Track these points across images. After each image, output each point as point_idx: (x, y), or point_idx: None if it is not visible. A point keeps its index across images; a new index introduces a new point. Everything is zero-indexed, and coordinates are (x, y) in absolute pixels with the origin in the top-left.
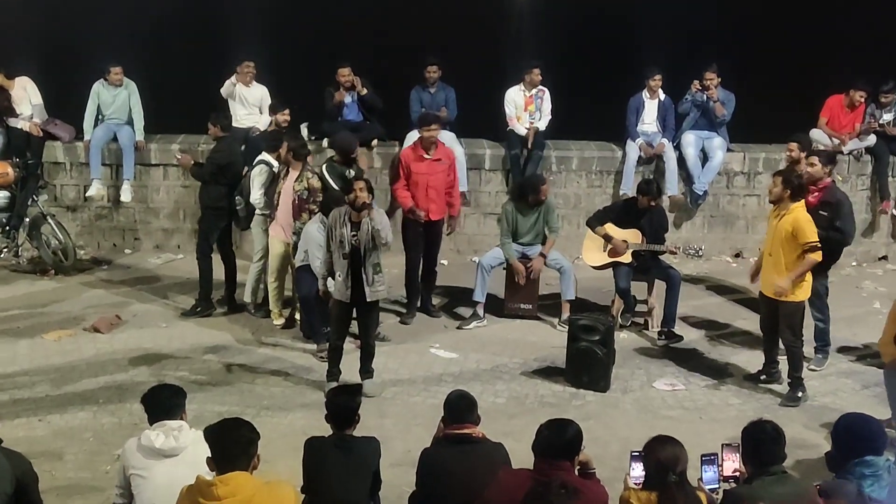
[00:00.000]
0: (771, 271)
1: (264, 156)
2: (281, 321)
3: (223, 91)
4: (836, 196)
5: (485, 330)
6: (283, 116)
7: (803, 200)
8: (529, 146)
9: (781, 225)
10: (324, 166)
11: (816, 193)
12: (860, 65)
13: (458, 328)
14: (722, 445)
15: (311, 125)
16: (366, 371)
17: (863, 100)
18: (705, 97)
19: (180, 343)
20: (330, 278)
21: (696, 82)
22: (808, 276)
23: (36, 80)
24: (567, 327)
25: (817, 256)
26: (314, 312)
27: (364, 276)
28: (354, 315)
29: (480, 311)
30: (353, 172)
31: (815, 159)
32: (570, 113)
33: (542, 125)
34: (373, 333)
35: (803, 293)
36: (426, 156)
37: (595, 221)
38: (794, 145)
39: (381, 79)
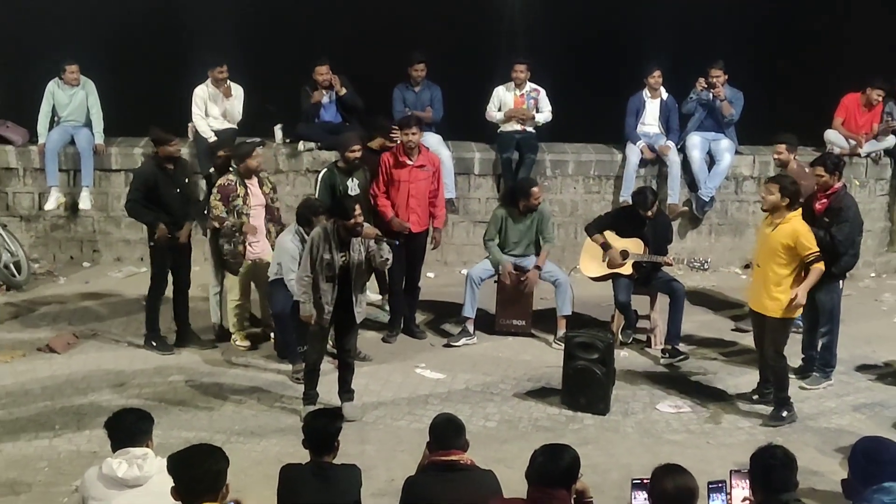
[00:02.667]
0: (758, 284)
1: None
2: (245, 343)
3: (203, 130)
4: (841, 202)
5: (474, 348)
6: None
7: (800, 209)
8: (522, 126)
9: (775, 236)
10: (323, 172)
11: (824, 200)
12: (877, 61)
13: (445, 346)
14: (730, 472)
15: (286, 127)
16: (346, 393)
17: (880, 98)
18: (711, 96)
19: (143, 364)
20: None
21: (701, 80)
22: (790, 293)
23: None
24: (563, 345)
25: (821, 265)
26: (289, 330)
27: (353, 298)
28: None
29: (470, 327)
30: (356, 183)
31: (820, 170)
32: (566, 113)
33: (541, 119)
34: (353, 352)
35: (791, 309)
36: (408, 161)
37: (594, 228)
38: (781, 147)
39: (362, 77)
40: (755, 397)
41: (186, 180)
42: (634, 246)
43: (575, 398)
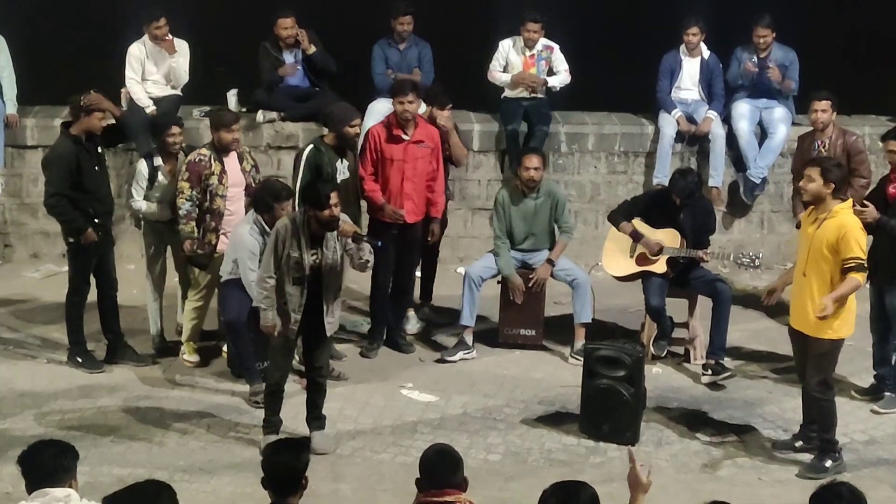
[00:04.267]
0: (804, 298)
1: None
2: (194, 359)
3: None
4: None
5: (474, 364)
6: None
7: (850, 199)
8: (531, 92)
9: (820, 235)
10: (308, 150)
11: None
12: None
13: (438, 361)
14: None
15: (242, 93)
16: (315, 419)
17: None
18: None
19: (67, 384)
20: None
21: (748, 63)
22: (853, 307)
23: None
24: (582, 359)
25: (861, 277)
26: (245, 342)
27: (325, 307)
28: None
29: (468, 338)
30: (346, 165)
31: (892, 144)
32: (586, 76)
33: (556, 82)
34: (325, 369)
35: (844, 328)
36: (403, 136)
37: (619, 216)
38: (825, 103)
39: (336, 32)
40: (798, 444)
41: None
42: (669, 238)
43: (597, 425)
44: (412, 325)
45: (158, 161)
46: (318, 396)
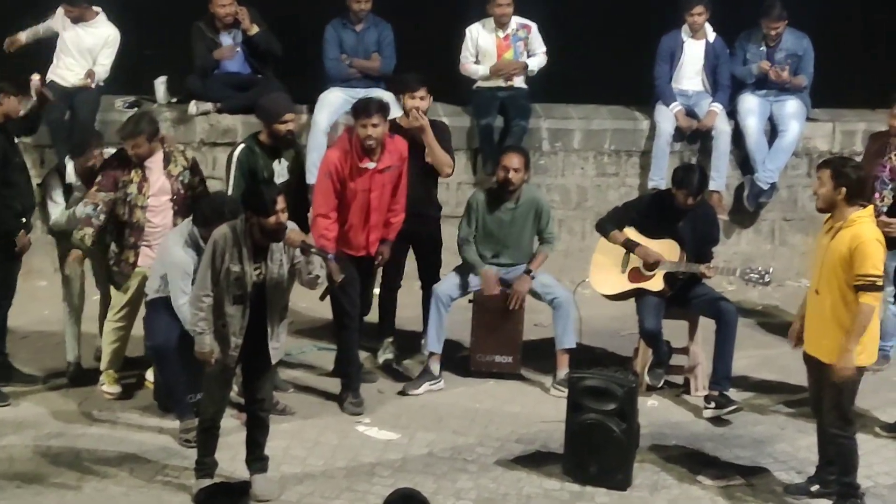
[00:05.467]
0: (817, 319)
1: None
2: (115, 390)
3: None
4: None
5: (441, 395)
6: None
7: (871, 207)
8: (507, 83)
9: (835, 245)
10: (239, 150)
11: None
12: None
13: (400, 394)
14: None
15: (173, 81)
16: (257, 461)
17: None
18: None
19: None
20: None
21: (764, 64)
22: (875, 331)
23: None
24: (566, 391)
25: (873, 301)
26: (175, 371)
27: (269, 329)
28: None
29: (435, 366)
30: (284, 166)
31: None
32: (572, 63)
33: (533, 64)
34: (268, 402)
35: (864, 354)
36: (368, 164)
37: (609, 224)
38: None
39: (282, 10)
40: (815, 488)
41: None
42: (667, 250)
43: (583, 466)
44: (386, 355)
45: (71, 177)
46: (259, 434)
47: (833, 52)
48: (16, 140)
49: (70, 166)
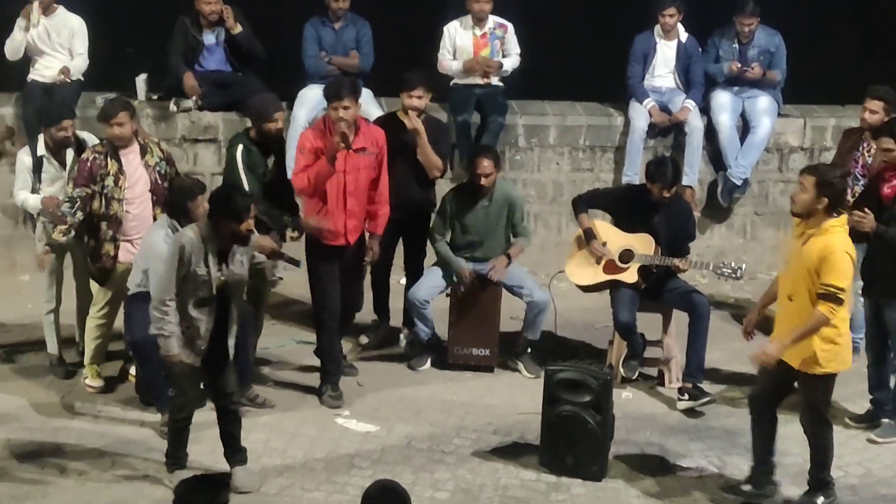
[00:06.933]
0: (788, 324)
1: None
2: (97, 384)
3: (10, 51)
4: None
5: (419, 388)
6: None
7: (845, 216)
8: (483, 80)
9: (806, 251)
10: (239, 149)
11: (894, 183)
12: None
13: (409, 367)
14: None
15: (153, 78)
16: (235, 453)
17: None
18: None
19: None
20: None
21: (734, 65)
22: (847, 338)
23: None
24: (531, 367)
25: (829, 312)
26: (155, 365)
27: (228, 326)
28: None
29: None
30: (272, 158)
31: (888, 142)
32: (547, 61)
33: (507, 65)
34: (235, 395)
35: (835, 362)
36: (343, 145)
37: (583, 204)
38: (876, 104)
39: (261, 8)
40: (748, 487)
41: None
42: (642, 244)
43: (559, 457)
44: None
45: (42, 150)
46: (233, 427)
47: (804, 49)
48: None
49: (41, 139)
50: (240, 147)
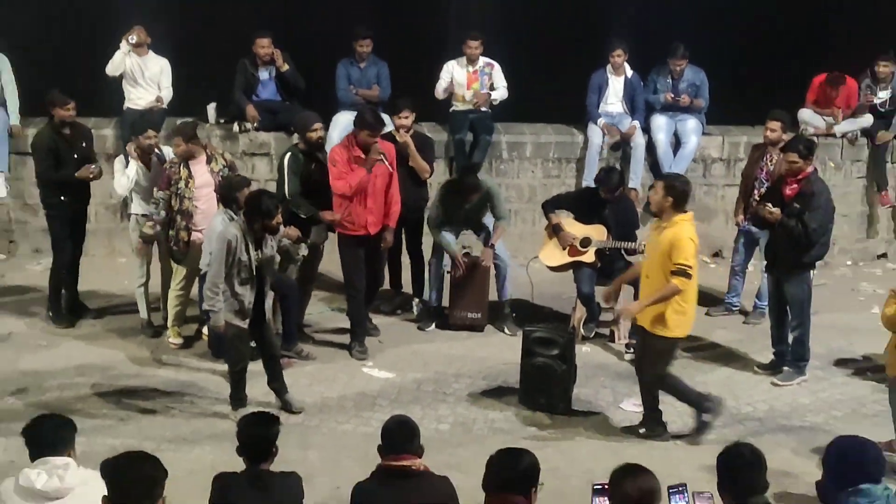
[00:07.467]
0: (645, 296)
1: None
2: (179, 341)
3: (110, 69)
4: (813, 187)
5: (426, 344)
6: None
7: (691, 213)
8: (475, 106)
9: (661, 240)
10: (287, 156)
11: (794, 185)
12: (854, 35)
13: (419, 329)
14: (693, 494)
15: (220, 106)
16: (281, 387)
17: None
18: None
19: (65, 364)
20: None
21: (668, 95)
22: (691, 310)
23: None
24: (512, 328)
25: (681, 284)
26: None
27: (265, 295)
28: None
29: (431, 320)
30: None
31: (793, 156)
32: (525, 92)
33: (497, 96)
34: (276, 347)
35: (679, 328)
36: (363, 156)
37: (550, 206)
38: (776, 124)
39: (302, 51)
40: (643, 430)
41: (84, 144)
42: (597, 233)
43: (534, 398)
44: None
45: (132, 152)
46: (275, 365)
47: (723, 81)
48: None
49: (130, 147)
50: (288, 154)
